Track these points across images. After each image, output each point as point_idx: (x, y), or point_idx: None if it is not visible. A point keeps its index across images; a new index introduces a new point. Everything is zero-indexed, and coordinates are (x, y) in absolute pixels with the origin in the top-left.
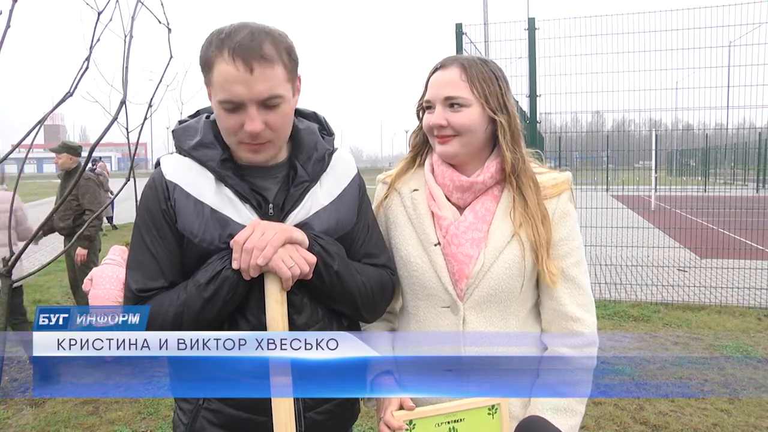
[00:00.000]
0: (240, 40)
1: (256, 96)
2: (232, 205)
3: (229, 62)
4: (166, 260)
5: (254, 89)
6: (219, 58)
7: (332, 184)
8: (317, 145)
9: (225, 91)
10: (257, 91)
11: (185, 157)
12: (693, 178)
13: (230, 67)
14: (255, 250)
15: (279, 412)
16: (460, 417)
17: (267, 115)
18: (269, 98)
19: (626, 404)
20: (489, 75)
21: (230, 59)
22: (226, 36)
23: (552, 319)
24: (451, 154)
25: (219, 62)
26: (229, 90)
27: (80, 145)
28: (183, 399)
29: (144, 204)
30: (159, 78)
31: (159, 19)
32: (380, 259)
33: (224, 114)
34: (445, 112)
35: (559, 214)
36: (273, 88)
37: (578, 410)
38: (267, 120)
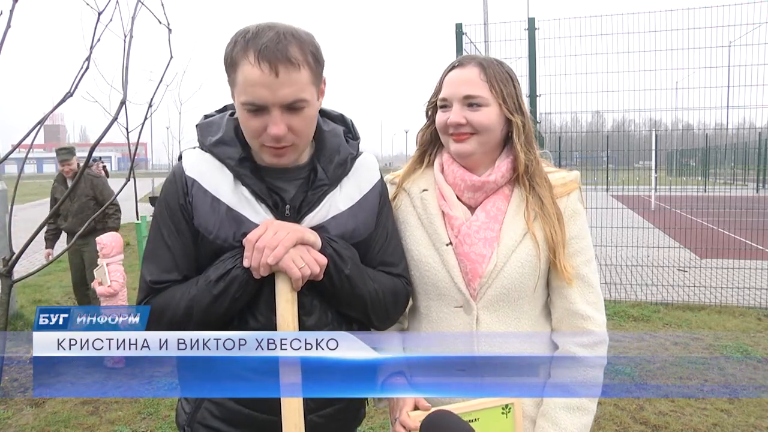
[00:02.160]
0: (266, 42)
1: (280, 100)
2: (249, 205)
3: (254, 64)
4: (181, 254)
5: (278, 93)
6: (244, 59)
7: (353, 189)
8: (340, 149)
9: (248, 93)
10: (281, 95)
11: (206, 153)
12: (693, 178)
13: (255, 70)
14: (266, 249)
15: (288, 412)
16: (474, 417)
17: (291, 119)
18: (293, 102)
19: (626, 404)
20: (506, 76)
21: (255, 62)
22: (253, 37)
23: (563, 317)
24: (468, 152)
25: (244, 64)
26: (252, 93)
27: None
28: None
29: (164, 197)
30: (159, 78)
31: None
32: (397, 269)
33: (247, 116)
34: (463, 110)
35: (569, 213)
36: (297, 93)
37: (590, 408)
38: (290, 124)
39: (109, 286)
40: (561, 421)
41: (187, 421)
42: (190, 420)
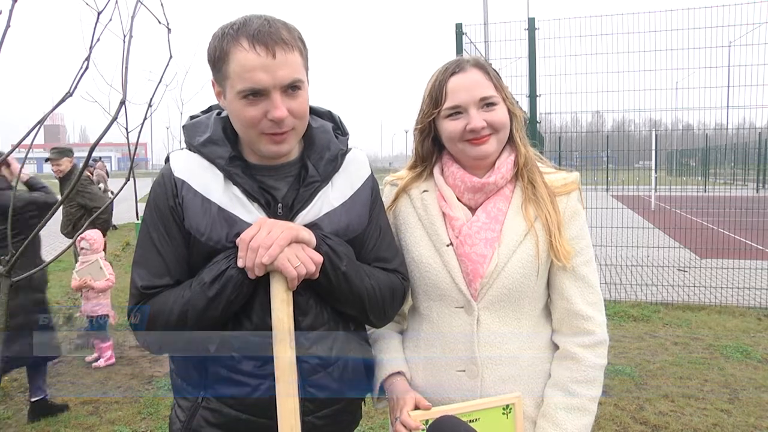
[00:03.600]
0: (258, 27)
1: (279, 81)
2: (240, 204)
3: (249, 49)
4: (172, 258)
5: (277, 74)
6: (237, 47)
7: (344, 186)
8: (330, 145)
9: (246, 80)
10: (280, 76)
11: (194, 153)
12: (693, 178)
13: (251, 54)
14: (261, 248)
15: (284, 413)
16: (475, 417)
17: (290, 102)
18: (292, 82)
19: (626, 404)
20: (498, 74)
21: (250, 46)
22: (241, 26)
23: (563, 317)
24: (490, 152)
25: (237, 51)
26: (251, 78)
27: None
28: (182, 397)
29: (152, 200)
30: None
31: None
32: (392, 264)
33: (244, 105)
34: (480, 113)
35: (569, 213)
36: (294, 73)
37: (591, 409)
38: (290, 107)
39: (107, 279)
40: (561, 421)
41: (183, 429)
42: (186, 428)
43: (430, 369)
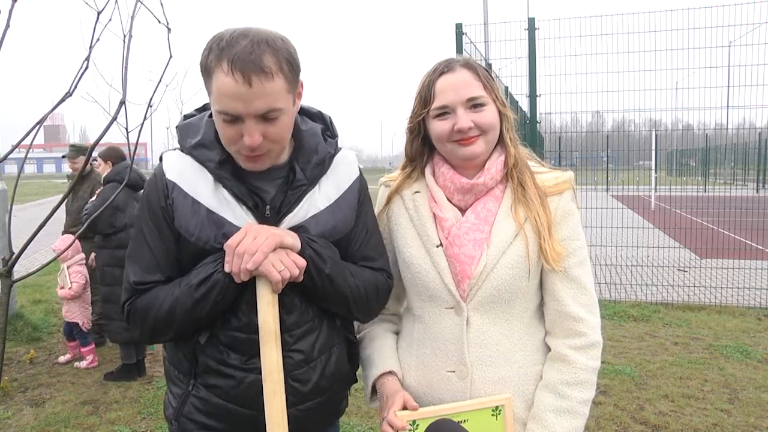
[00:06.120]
0: (239, 52)
1: (253, 111)
2: (229, 207)
3: (227, 74)
4: (163, 255)
5: (252, 105)
6: (218, 68)
7: (331, 188)
8: (318, 148)
9: (222, 103)
10: (255, 106)
11: (186, 155)
12: (693, 178)
13: (228, 79)
14: (246, 254)
15: (272, 412)
16: (464, 418)
17: (266, 128)
18: (267, 112)
19: (626, 404)
20: (489, 73)
21: (229, 71)
22: (227, 45)
23: (555, 319)
24: (478, 153)
25: (217, 73)
26: (226, 104)
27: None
28: (174, 383)
29: (146, 198)
30: (159, 78)
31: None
32: (377, 263)
33: (223, 123)
34: (468, 113)
35: (561, 213)
36: (271, 103)
37: (582, 412)
38: (265, 132)
39: (70, 288)
40: (551, 424)
41: (174, 415)
42: (177, 414)
43: (422, 369)
